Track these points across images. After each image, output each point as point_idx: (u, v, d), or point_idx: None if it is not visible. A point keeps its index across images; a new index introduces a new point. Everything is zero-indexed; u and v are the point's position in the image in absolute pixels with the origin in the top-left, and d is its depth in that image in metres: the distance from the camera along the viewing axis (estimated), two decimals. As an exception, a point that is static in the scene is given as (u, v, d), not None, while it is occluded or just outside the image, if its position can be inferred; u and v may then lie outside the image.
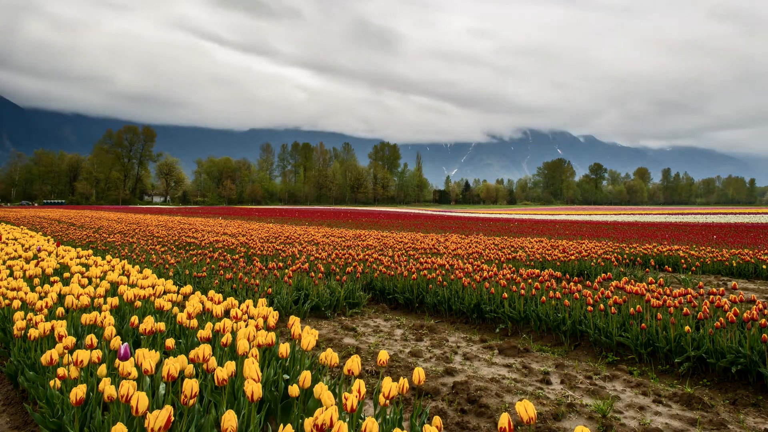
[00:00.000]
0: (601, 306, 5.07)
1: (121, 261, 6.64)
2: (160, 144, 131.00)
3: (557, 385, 4.04)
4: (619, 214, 50.11)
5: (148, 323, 3.40)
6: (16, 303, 4.19)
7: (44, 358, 2.96)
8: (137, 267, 6.22)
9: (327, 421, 2.00)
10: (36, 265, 6.26)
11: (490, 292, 6.19)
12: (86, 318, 3.68)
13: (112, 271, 5.99)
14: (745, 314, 4.31)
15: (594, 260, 9.75)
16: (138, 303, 4.32)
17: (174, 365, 2.51)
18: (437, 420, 2.17)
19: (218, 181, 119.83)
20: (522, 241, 13.40)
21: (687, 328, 4.38)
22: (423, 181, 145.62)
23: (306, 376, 2.53)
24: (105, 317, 3.54)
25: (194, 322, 3.65)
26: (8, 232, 13.43)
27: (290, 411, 3.01)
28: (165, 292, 4.65)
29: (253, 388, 2.32)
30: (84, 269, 6.06)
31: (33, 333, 3.40)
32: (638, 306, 4.92)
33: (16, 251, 8.03)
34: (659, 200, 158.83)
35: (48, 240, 10.87)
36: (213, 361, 2.81)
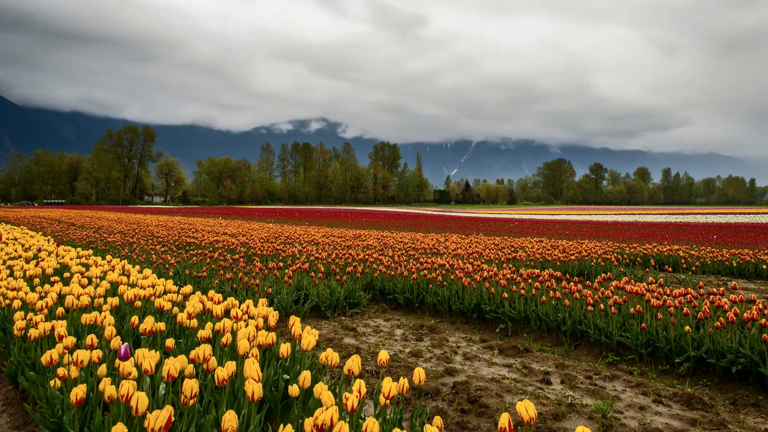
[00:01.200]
0: (602, 306, 5.07)
1: (121, 261, 6.64)
2: (159, 144, 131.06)
3: (557, 385, 4.04)
4: (619, 214, 50.11)
5: (148, 323, 3.40)
6: (16, 303, 4.19)
7: (44, 358, 2.96)
8: (137, 267, 6.22)
9: (327, 421, 1.99)
10: (36, 265, 6.26)
11: (490, 292, 6.19)
12: (86, 318, 3.68)
13: (112, 271, 5.99)
14: (745, 314, 4.31)
15: (594, 260, 9.75)
16: (138, 303, 4.32)
17: (174, 365, 2.51)
18: (438, 420, 2.17)
19: (218, 181, 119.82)
20: (522, 241, 13.40)
21: (687, 328, 4.38)
22: (423, 181, 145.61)
23: (306, 376, 2.53)
24: (105, 317, 3.54)
25: (194, 322, 3.65)
26: (8, 232, 13.43)
27: (290, 411, 3.01)
28: (165, 292, 4.65)
29: (254, 388, 2.32)
30: (84, 269, 6.06)
31: (33, 333, 3.40)
32: (638, 306, 4.92)
33: (16, 251, 8.03)
34: (659, 200, 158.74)
35: (48, 240, 10.87)
36: (213, 361, 2.82)
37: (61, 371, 2.75)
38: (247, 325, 3.48)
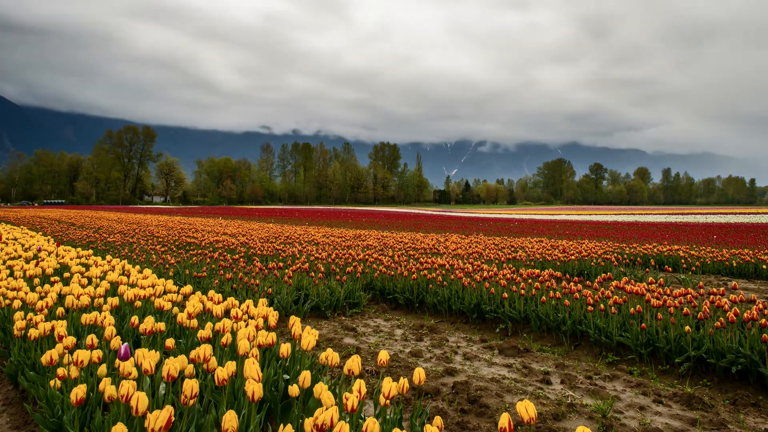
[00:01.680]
0: (602, 306, 5.06)
1: (121, 261, 6.64)
2: (159, 144, 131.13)
3: (557, 385, 4.04)
4: (619, 214, 50.11)
5: (148, 323, 3.40)
6: (17, 303, 4.19)
7: (44, 358, 2.96)
8: (137, 267, 6.22)
9: (327, 421, 1.99)
10: (36, 265, 6.27)
11: (490, 292, 6.19)
12: (86, 318, 3.68)
13: (112, 271, 5.99)
14: (745, 314, 4.31)
15: (594, 260, 9.74)
16: (138, 303, 4.32)
17: (174, 365, 2.51)
18: (438, 420, 2.17)
19: (218, 181, 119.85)
20: (522, 241, 13.40)
21: (687, 328, 4.38)
22: (423, 181, 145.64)
23: (306, 376, 2.53)
24: (105, 317, 3.54)
25: (194, 322, 3.65)
26: (8, 232, 13.43)
27: (290, 411, 3.01)
28: (165, 292, 4.65)
29: (254, 388, 2.32)
30: (84, 269, 6.06)
31: (33, 333, 3.40)
32: (638, 306, 4.92)
33: (16, 251, 8.03)
34: (659, 200, 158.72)
35: (48, 240, 10.87)
36: (213, 361, 2.82)
37: (61, 371, 2.75)
38: (247, 325, 3.48)
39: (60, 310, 3.97)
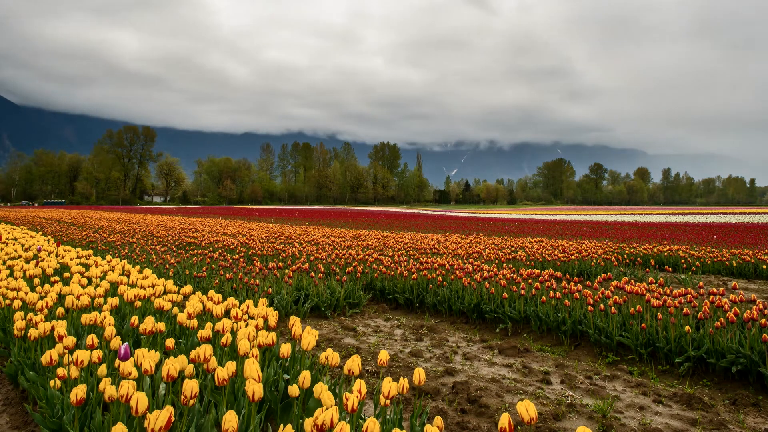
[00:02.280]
0: (602, 306, 5.06)
1: (121, 261, 6.64)
2: (159, 145, 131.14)
3: (557, 385, 4.04)
4: (619, 214, 50.10)
5: (148, 323, 3.40)
6: (17, 303, 4.19)
7: (44, 359, 2.96)
8: (137, 267, 6.22)
9: (327, 421, 1.99)
10: (36, 265, 6.27)
11: (491, 292, 6.19)
12: (86, 318, 3.68)
13: (112, 271, 5.99)
14: (745, 314, 4.31)
15: (594, 260, 9.75)
16: (138, 303, 4.32)
17: (174, 365, 2.51)
18: (438, 420, 2.17)
19: (218, 181, 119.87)
20: (522, 241, 13.40)
21: (687, 328, 4.38)
22: (423, 181, 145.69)
23: (306, 376, 2.53)
24: (105, 317, 3.54)
25: (194, 322, 3.65)
26: (8, 232, 13.43)
27: (290, 411, 3.01)
28: (165, 292, 4.65)
29: (254, 388, 2.32)
30: (84, 269, 6.06)
31: (33, 333, 3.40)
32: (638, 306, 4.92)
33: (16, 251, 8.03)
34: (659, 200, 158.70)
35: (48, 240, 10.87)
36: (213, 361, 2.82)
37: (61, 371, 2.75)
38: (247, 325, 3.48)
39: (60, 310, 3.97)
